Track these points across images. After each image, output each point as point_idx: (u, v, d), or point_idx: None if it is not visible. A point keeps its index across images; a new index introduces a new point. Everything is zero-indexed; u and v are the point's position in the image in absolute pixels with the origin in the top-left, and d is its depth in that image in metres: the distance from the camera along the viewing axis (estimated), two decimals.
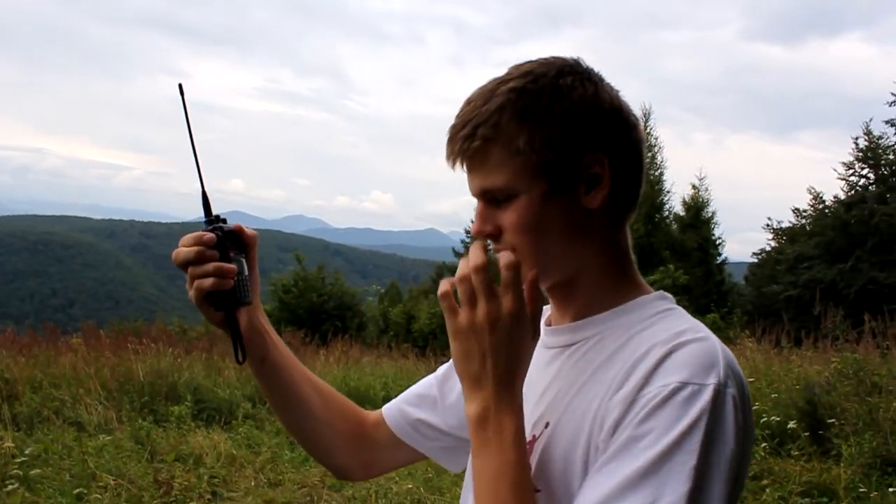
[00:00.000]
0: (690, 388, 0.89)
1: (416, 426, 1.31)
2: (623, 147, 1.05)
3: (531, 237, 1.03)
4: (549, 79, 1.03)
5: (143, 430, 6.59)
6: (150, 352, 9.01)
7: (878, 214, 24.25)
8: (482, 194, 1.06)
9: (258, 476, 5.77)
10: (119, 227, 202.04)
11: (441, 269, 32.78)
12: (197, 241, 1.14)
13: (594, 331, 1.06)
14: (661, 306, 1.06)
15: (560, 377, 1.07)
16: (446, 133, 1.07)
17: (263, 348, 1.25)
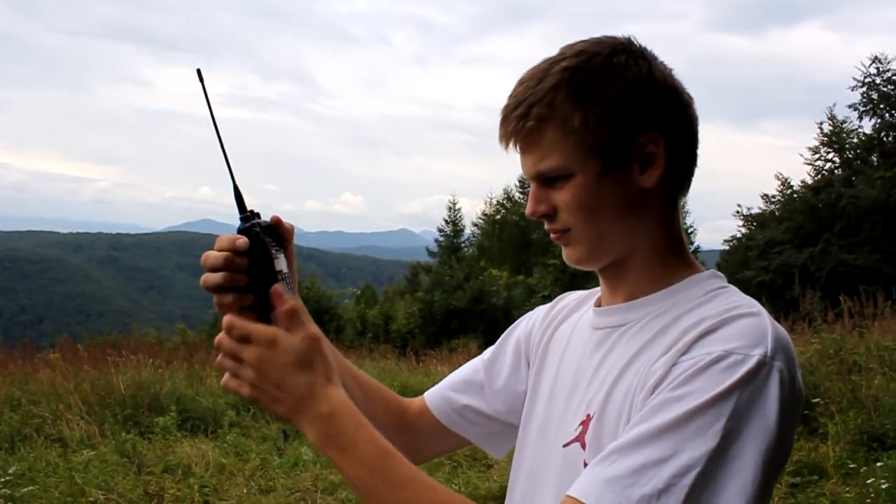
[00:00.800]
0: (734, 357, 0.88)
1: (462, 412, 1.29)
2: (677, 126, 1.05)
3: (586, 216, 1.03)
4: (603, 57, 1.03)
5: (128, 442, 6.51)
6: (130, 364, 8.90)
7: (845, 197, 24.62)
8: (537, 174, 1.06)
9: (249, 483, 5.72)
10: (87, 241, 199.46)
11: (416, 268, 32.81)
12: (230, 246, 0.99)
13: (646, 310, 1.06)
14: (714, 284, 1.05)
15: (613, 356, 1.06)
16: (499, 114, 1.07)
17: None
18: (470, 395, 1.29)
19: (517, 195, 38.32)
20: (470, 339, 18.05)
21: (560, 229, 1.07)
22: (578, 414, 1.06)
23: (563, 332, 1.21)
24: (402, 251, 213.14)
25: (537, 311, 1.31)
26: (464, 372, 1.33)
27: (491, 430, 1.30)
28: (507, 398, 1.26)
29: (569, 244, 1.08)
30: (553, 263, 24.67)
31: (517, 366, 1.27)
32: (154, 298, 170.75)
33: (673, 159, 1.04)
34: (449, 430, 1.31)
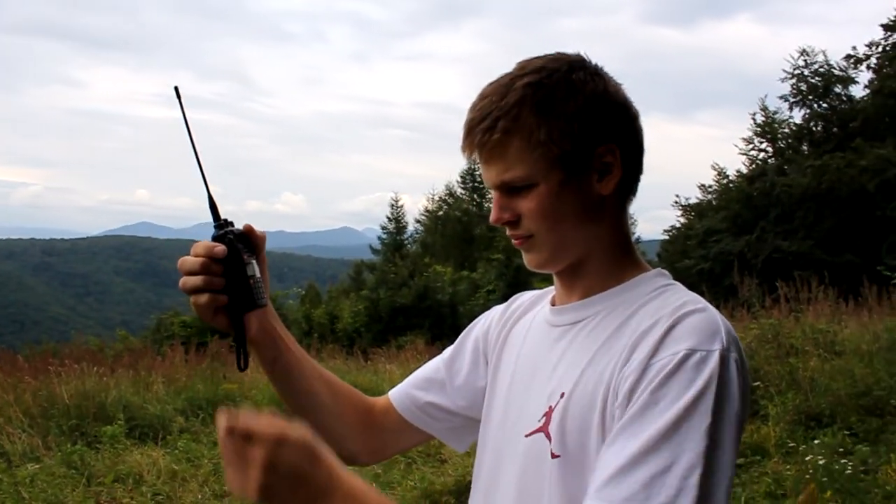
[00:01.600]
0: (699, 354, 0.97)
1: (426, 409, 1.36)
2: (629, 136, 1.14)
3: (549, 223, 1.11)
4: (562, 73, 1.11)
5: (75, 454, 6.38)
6: (74, 373, 8.71)
7: (778, 186, 25.33)
8: (501, 184, 1.13)
9: (203, 489, 5.68)
10: (19, 247, 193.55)
11: (360, 266, 32.70)
12: (208, 253, 1.12)
13: (601, 307, 1.14)
14: (661, 282, 1.15)
15: (571, 351, 1.13)
16: (463, 126, 1.14)
17: (275, 350, 1.26)
18: (432, 393, 1.36)
19: (459, 191, 38.48)
20: (417, 335, 18.05)
21: (523, 235, 1.14)
22: (540, 405, 1.12)
23: (519, 330, 1.29)
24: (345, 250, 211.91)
25: (494, 311, 1.38)
26: (426, 370, 1.40)
27: (453, 426, 1.37)
28: (468, 394, 1.33)
29: (530, 250, 1.15)
30: (497, 258, 24.86)
31: (476, 363, 1.34)
32: (91, 305, 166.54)
33: (626, 167, 1.13)
34: (413, 426, 1.37)
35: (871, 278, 9.57)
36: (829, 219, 24.47)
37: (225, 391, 8.76)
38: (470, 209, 37.10)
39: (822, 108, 28.00)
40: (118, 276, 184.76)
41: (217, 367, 10.02)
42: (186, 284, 1.13)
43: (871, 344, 7.35)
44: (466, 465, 5.33)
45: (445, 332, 20.08)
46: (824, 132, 27.84)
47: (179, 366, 10.15)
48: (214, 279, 1.12)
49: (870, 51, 26.97)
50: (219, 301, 1.13)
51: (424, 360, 6.69)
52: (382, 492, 5.06)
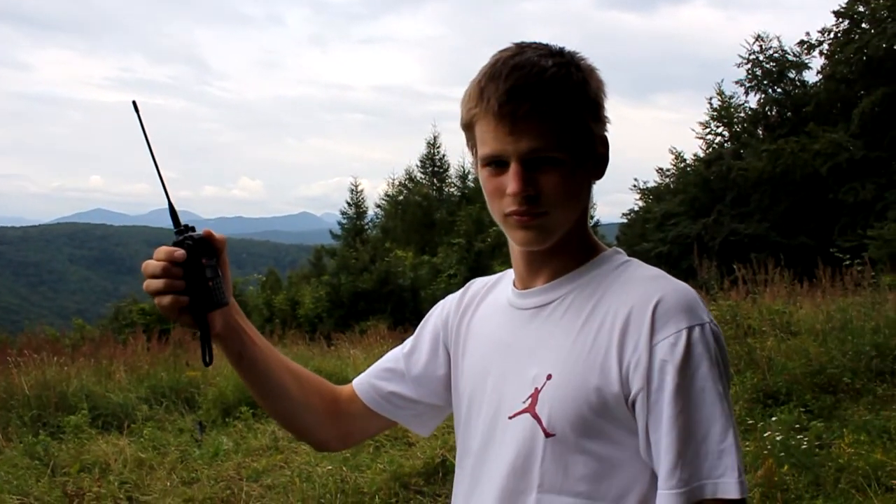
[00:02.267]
0: (697, 329, 1.08)
1: (389, 398, 1.40)
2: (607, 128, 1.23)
3: (564, 202, 1.16)
4: (577, 59, 1.18)
5: (38, 444, 6.32)
6: (33, 362, 8.60)
7: (734, 169, 25.74)
8: (528, 153, 1.12)
9: (171, 476, 5.67)
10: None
11: (319, 252, 32.53)
12: (168, 257, 1.17)
13: (567, 288, 1.20)
14: (621, 259, 1.23)
15: (546, 334, 1.19)
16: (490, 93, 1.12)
17: (240, 345, 1.30)
18: (394, 383, 1.40)
19: (419, 176, 38.39)
20: (379, 320, 18.06)
21: (538, 213, 1.14)
22: (523, 387, 1.18)
23: (481, 315, 1.33)
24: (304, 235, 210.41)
25: (450, 298, 1.42)
26: (386, 361, 1.44)
27: (416, 413, 1.42)
28: (428, 383, 1.38)
29: (537, 227, 1.15)
30: (458, 242, 24.93)
31: (434, 352, 1.39)
32: (45, 294, 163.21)
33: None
34: (378, 413, 1.42)
35: (825, 260, 9.81)
36: (783, 202, 24.97)
37: (188, 378, 8.72)
38: (430, 194, 37.05)
39: (776, 93, 28.49)
40: (73, 265, 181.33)
41: (180, 354, 9.95)
42: (150, 287, 1.18)
43: (824, 324, 7.55)
44: (434, 448, 5.40)
45: (407, 317, 20.10)
46: (779, 117, 28.35)
47: (141, 354, 10.07)
48: (175, 281, 1.17)
49: (822, 37, 27.50)
50: (181, 302, 1.17)
51: (388, 344, 6.82)
52: (352, 475, 5.14)
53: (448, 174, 38.42)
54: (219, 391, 7.99)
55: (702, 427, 1.05)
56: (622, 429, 1.11)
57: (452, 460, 5.21)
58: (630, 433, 1.11)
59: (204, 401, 8.06)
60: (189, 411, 7.96)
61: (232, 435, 6.87)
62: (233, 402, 7.74)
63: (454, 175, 38.27)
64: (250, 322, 1.33)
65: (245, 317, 1.32)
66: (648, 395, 1.08)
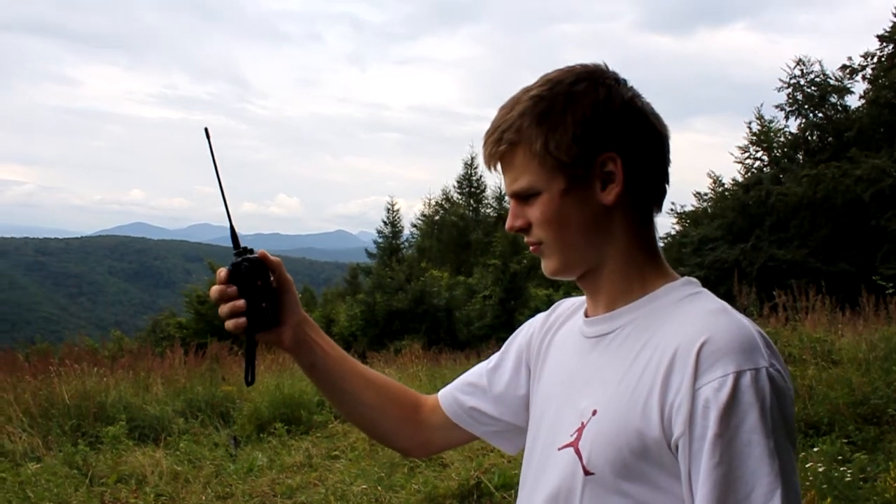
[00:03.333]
0: (749, 374, 0.99)
1: (470, 413, 1.40)
2: (637, 144, 1.14)
3: (553, 230, 1.15)
4: (565, 85, 1.14)
5: (77, 454, 6.41)
6: (74, 373, 8.72)
7: (773, 195, 25.42)
8: (512, 193, 1.18)
9: (206, 490, 5.70)
10: (12, 245, 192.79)
11: (355, 270, 32.71)
12: (217, 279, 1.25)
13: (627, 318, 1.16)
14: (688, 291, 1.15)
15: (601, 366, 1.15)
16: (482, 139, 1.20)
17: (311, 356, 1.36)
18: (476, 398, 1.40)
19: (456, 196, 38.51)
20: (413, 339, 18.08)
21: (534, 242, 1.18)
22: (573, 420, 1.15)
23: (559, 339, 1.32)
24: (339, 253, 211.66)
25: (536, 318, 1.41)
26: (471, 375, 1.44)
27: (497, 430, 1.40)
28: (509, 402, 1.37)
29: (543, 256, 1.19)
30: (493, 263, 24.90)
31: (517, 371, 1.37)
32: (84, 305, 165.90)
33: (633, 176, 1.14)
34: (459, 426, 1.42)
35: (867, 288, 9.63)
36: (824, 228, 24.58)
37: (224, 393, 8.78)
38: (466, 214, 37.13)
39: (817, 117, 28.12)
40: (112, 277, 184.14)
41: (216, 368, 10.04)
42: (220, 314, 1.26)
43: (867, 353, 7.40)
44: (469, 470, 5.38)
45: (441, 337, 20.12)
46: (820, 141, 27.97)
47: (178, 367, 10.16)
48: (235, 302, 1.24)
49: (865, 61, 27.11)
50: (239, 324, 1.24)
51: (422, 363, 6.82)
52: (386, 495, 5.13)
53: (485, 195, 38.50)
54: (254, 407, 8.04)
55: (744, 485, 0.97)
56: (665, 473, 1.05)
57: (487, 483, 5.20)
58: (674, 478, 1.04)
59: (239, 416, 8.12)
60: (224, 426, 8.02)
61: (266, 451, 6.91)
62: (267, 418, 7.79)
63: (490, 196, 38.35)
64: (323, 333, 1.39)
65: (318, 329, 1.37)
66: (691, 443, 1.00)
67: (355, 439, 6.94)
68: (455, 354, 15.33)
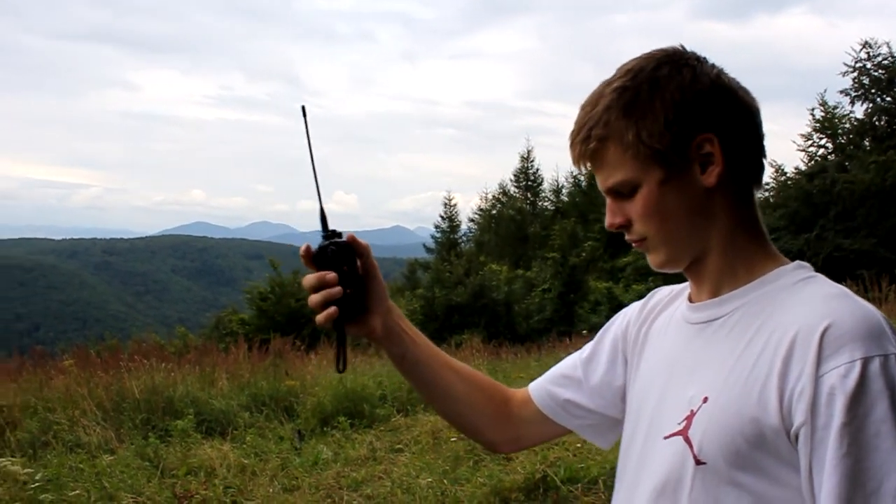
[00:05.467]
0: (878, 360, 0.94)
1: (565, 406, 1.37)
2: (732, 122, 1.10)
3: (656, 222, 1.11)
4: (647, 73, 1.11)
5: (149, 447, 6.57)
6: (142, 368, 8.94)
7: (839, 183, 24.74)
8: (608, 190, 1.15)
9: (273, 483, 5.79)
10: (81, 246, 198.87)
11: (413, 265, 32.84)
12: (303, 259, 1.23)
13: (736, 304, 1.11)
14: (801, 275, 1.10)
15: (710, 352, 1.11)
16: (568, 139, 1.17)
17: (401, 346, 1.33)
18: (570, 390, 1.37)
19: (513, 190, 38.40)
20: (473, 333, 18.07)
21: (637, 238, 1.15)
22: (681, 408, 1.11)
23: (658, 327, 1.28)
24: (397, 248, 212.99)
25: (632, 308, 1.37)
26: (564, 366, 1.41)
27: (592, 423, 1.37)
28: (605, 393, 1.34)
29: (648, 251, 1.16)
30: (552, 256, 24.76)
31: (614, 362, 1.34)
32: (150, 303, 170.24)
33: (732, 155, 1.10)
34: (552, 420, 1.39)
35: None
36: (893, 216, 23.84)
37: (287, 388, 8.90)
38: (524, 207, 37.00)
39: (885, 101, 27.24)
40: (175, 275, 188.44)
41: (279, 363, 10.18)
42: (310, 302, 1.23)
43: None
44: (534, 463, 5.34)
45: (501, 331, 20.08)
46: (888, 126, 27.10)
47: (242, 362, 10.32)
48: (331, 290, 1.20)
49: None
50: (330, 314, 1.20)
51: (483, 357, 6.80)
52: (452, 488, 5.13)
53: (542, 188, 38.30)
54: (317, 401, 8.13)
55: (874, 477, 0.91)
56: (783, 465, 1.00)
57: (553, 476, 5.17)
58: (793, 470, 0.99)
59: (303, 410, 8.22)
60: (288, 420, 8.12)
61: (330, 444, 6.98)
62: (331, 411, 7.87)
63: (548, 189, 38.14)
64: (411, 324, 1.36)
65: (405, 318, 1.35)
66: (813, 432, 0.95)
67: (419, 433, 6.97)
68: (515, 348, 15.31)
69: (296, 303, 22.76)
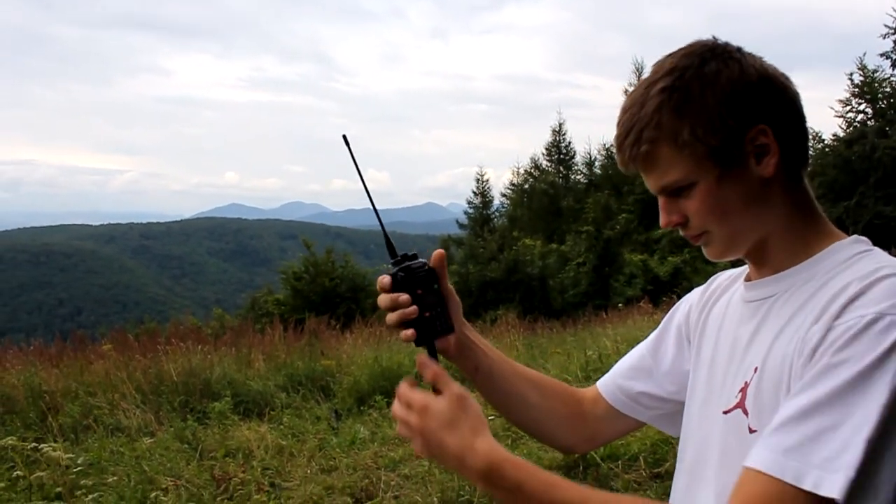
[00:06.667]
0: (889, 318, 0.94)
1: (637, 399, 1.39)
2: (781, 110, 1.11)
3: (717, 217, 1.12)
4: (695, 70, 1.10)
5: (187, 429, 6.61)
6: (180, 350, 9.01)
7: (879, 149, 24.22)
8: (661, 190, 1.15)
9: (310, 464, 5.79)
10: (119, 231, 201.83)
11: (446, 241, 32.78)
12: (381, 288, 1.23)
13: (792, 280, 1.12)
14: (857, 248, 1.11)
15: (764, 326, 1.13)
16: (613, 143, 1.17)
17: (474, 360, 1.35)
18: (641, 381, 1.39)
19: (545, 164, 38.10)
20: (508, 309, 18.01)
21: (697, 234, 1.16)
22: (737, 382, 1.13)
23: (718, 309, 1.29)
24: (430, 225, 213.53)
25: (694, 293, 1.39)
26: (631, 358, 1.43)
27: (665, 412, 1.38)
28: (676, 378, 1.34)
29: (708, 244, 1.17)
30: (586, 230, 24.56)
31: (680, 346, 1.36)
32: (187, 285, 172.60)
33: (786, 142, 1.10)
34: (624, 414, 1.41)
35: None
36: None
37: (323, 367, 8.93)
38: (556, 181, 36.73)
39: None
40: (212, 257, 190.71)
41: (315, 343, 10.22)
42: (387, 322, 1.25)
43: None
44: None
45: (536, 306, 20.01)
46: None
47: (278, 343, 10.38)
48: (405, 311, 1.21)
49: None
50: (407, 335, 1.22)
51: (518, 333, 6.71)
52: None
53: (574, 161, 37.96)
54: (353, 380, 8.14)
55: (834, 413, 0.91)
56: None
57: (593, 454, 5.09)
58: None
59: (339, 389, 8.24)
60: (325, 399, 8.14)
61: (367, 423, 6.98)
62: (367, 390, 7.87)
63: (580, 162, 37.78)
64: (481, 336, 1.37)
65: (475, 332, 1.36)
66: (803, 374, 0.98)
67: None
68: (551, 323, 15.24)
69: (329, 282, 22.86)
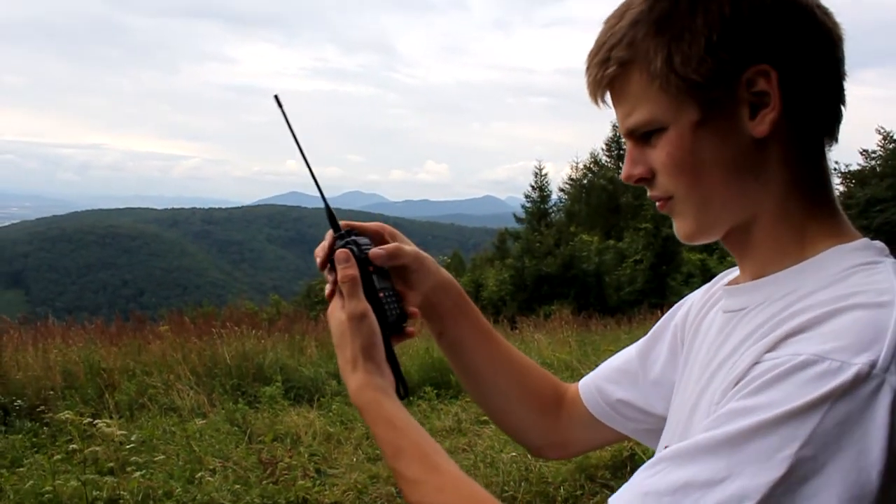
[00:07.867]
0: (828, 363, 0.68)
1: (616, 407, 1.14)
2: (798, 51, 0.81)
3: (685, 178, 0.85)
4: None
5: (238, 412, 6.68)
6: (234, 334, 9.13)
7: None
8: (628, 133, 0.89)
9: (357, 452, 5.80)
10: (181, 216, 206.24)
11: (503, 235, 32.70)
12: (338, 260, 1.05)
13: (770, 291, 0.85)
14: (860, 258, 0.81)
15: (724, 346, 0.88)
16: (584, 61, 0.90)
17: (440, 325, 1.17)
18: (623, 388, 1.13)
19: (604, 159, 37.70)
20: (562, 304, 17.88)
21: (661, 196, 0.89)
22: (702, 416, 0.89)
23: (713, 315, 1.01)
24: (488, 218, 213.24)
25: (698, 291, 1.11)
26: (618, 359, 1.18)
27: (650, 427, 1.12)
28: (664, 391, 1.07)
29: (674, 214, 0.90)
30: (644, 227, 24.21)
31: (674, 353, 1.09)
32: (246, 270, 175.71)
33: (794, 96, 0.81)
34: (602, 423, 1.17)
35: None
36: None
37: None
38: (615, 177, 36.32)
39: None
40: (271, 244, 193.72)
41: None
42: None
43: None
44: (623, 441, 5.19)
45: (591, 302, 19.81)
46: None
47: None
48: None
49: None
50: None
51: (572, 329, 6.59)
52: (536, 464, 5.02)
53: None
54: (404, 370, 8.11)
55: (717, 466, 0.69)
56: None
57: (641, 454, 4.99)
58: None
59: None
60: None
61: (415, 414, 6.96)
62: (417, 381, 7.86)
63: None
64: (468, 303, 1.18)
65: (460, 297, 1.16)
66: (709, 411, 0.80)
67: None
68: (605, 320, 15.05)
69: None
